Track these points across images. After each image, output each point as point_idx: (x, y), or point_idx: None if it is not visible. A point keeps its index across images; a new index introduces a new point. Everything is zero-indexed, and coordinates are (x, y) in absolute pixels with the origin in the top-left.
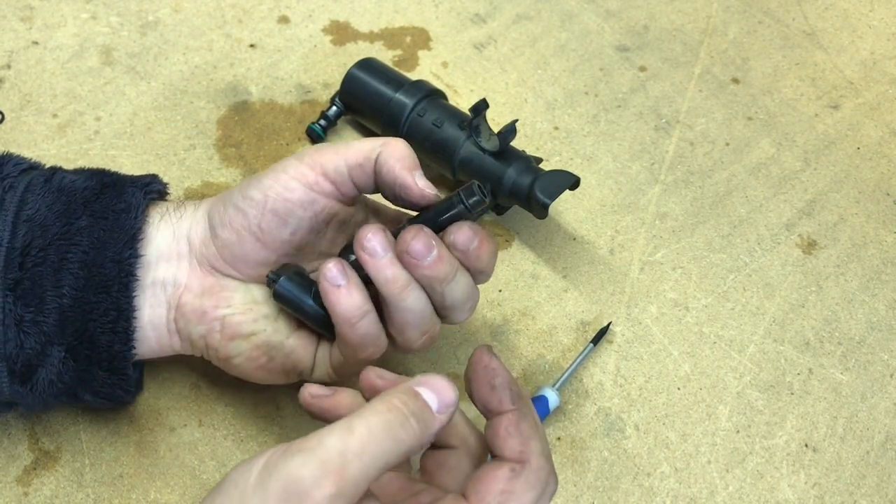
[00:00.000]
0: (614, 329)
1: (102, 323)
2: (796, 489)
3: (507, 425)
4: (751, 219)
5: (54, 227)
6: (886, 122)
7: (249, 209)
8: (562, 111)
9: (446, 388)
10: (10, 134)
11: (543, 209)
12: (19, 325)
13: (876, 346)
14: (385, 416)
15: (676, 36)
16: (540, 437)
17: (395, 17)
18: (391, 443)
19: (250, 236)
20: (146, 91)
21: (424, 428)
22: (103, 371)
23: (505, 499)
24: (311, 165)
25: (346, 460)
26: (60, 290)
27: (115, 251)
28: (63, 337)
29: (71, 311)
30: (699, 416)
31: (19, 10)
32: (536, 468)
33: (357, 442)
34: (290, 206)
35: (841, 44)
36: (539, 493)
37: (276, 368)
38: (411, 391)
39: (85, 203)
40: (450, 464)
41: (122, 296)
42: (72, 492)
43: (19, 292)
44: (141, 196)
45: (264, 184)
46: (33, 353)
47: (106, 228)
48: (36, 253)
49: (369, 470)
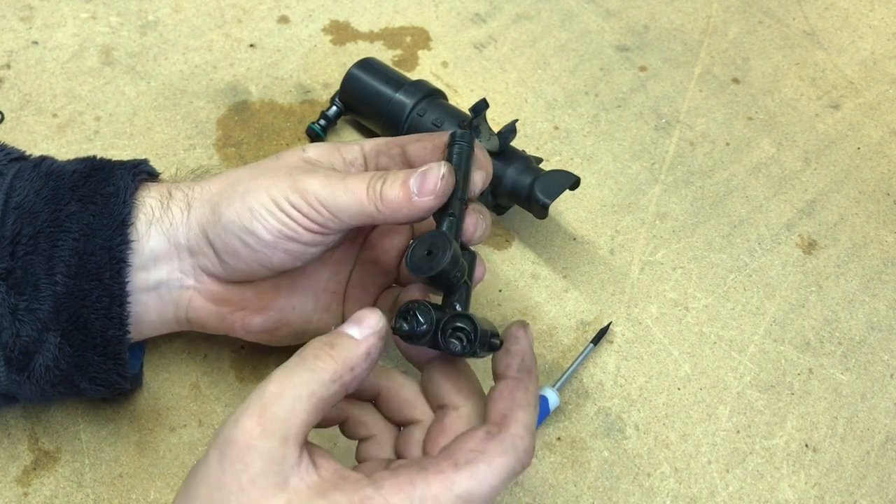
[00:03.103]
0: (614, 329)
1: (96, 309)
2: (796, 489)
3: (502, 389)
4: (751, 219)
5: (43, 214)
6: (886, 122)
7: (259, 247)
8: (562, 111)
9: (365, 314)
10: (9, 134)
11: (543, 209)
12: (14, 314)
13: (876, 346)
14: (298, 355)
15: (676, 36)
16: (530, 412)
17: (395, 16)
18: (308, 373)
19: (261, 267)
20: (146, 91)
21: (345, 352)
22: (99, 356)
23: (473, 457)
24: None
25: (265, 401)
26: (53, 277)
27: (104, 238)
28: (58, 323)
29: (65, 298)
30: (699, 417)
31: (19, 10)
32: (514, 435)
33: (273, 384)
34: (300, 248)
35: (841, 44)
36: (511, 462)
37: (303, 337)
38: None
39: (73, 188)
40: (454, 427)
41: (114, 282)
42: (72, 492)
43: (12, 281)
44: (129, 178)
45: (271, 225)
46: (30, 340)
47: (95, 214)
48: (26, 241)
49: (294, 403)
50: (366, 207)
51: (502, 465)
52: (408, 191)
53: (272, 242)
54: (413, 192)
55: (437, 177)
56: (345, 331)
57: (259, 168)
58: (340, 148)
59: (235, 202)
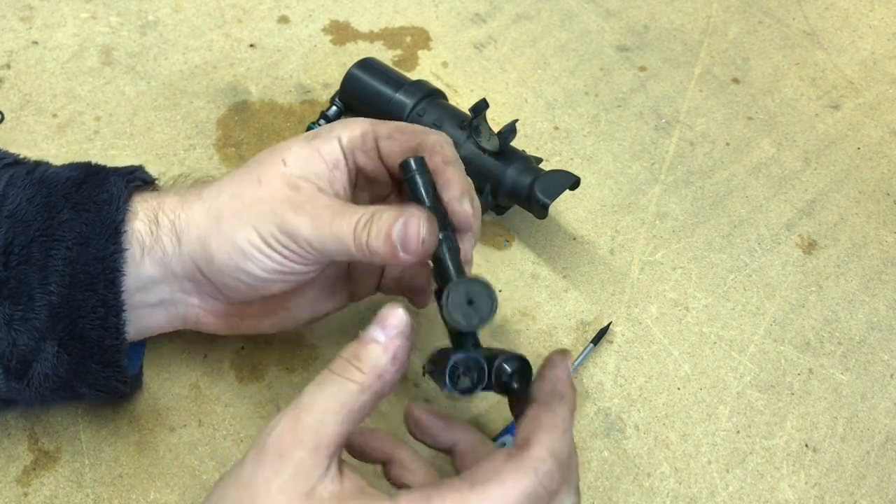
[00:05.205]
0: (614, 329)
1: (91, 319)
2: (796, 489)
3: (529, 412)
4: (751, 219)
5: (36, 223)
6: (886, 122)
7: (256, 283)
8: (562, 111)
9: (388, 313)
10: (9, 134)
11: (543, 209)
12: (10, 324)
13: (876, 346)
14: (328, 368)
15: (676, 36)
16: (557, 436)
17: (395, 16)
18: (336, 386)
19: (263, 294)
20: (146, 91)
21: (371, 362)
22: (97, 364)
23: (489, 477)
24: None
25: (299, 412)
26: (48, 287)
27: (98, 248)
28: (55, 332)
29: (60, 307)
30: (699, 417)
31: (19, 10)
32: (534, 457)
33: (307, 396)
34: (298, 277)
35: (841, 44)
36: (529, 484)
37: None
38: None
39: (66, 195)
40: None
41: (108, 293)
42: (71, 492)
43: (6, 291)
44: (123, 185)
45: (264, 264)
46: (27, 349)
47: (88, 222)
48: (19, 251)
49: (324, 415)
50: (355, 255)
51: (515, 486)
52: (393, 247)
53: (269, 278)
54: (398, 249)
55: (417, 239)
56: (370, 335)
57: (242, 199)
58: (320, 148)
59: (225, 244)
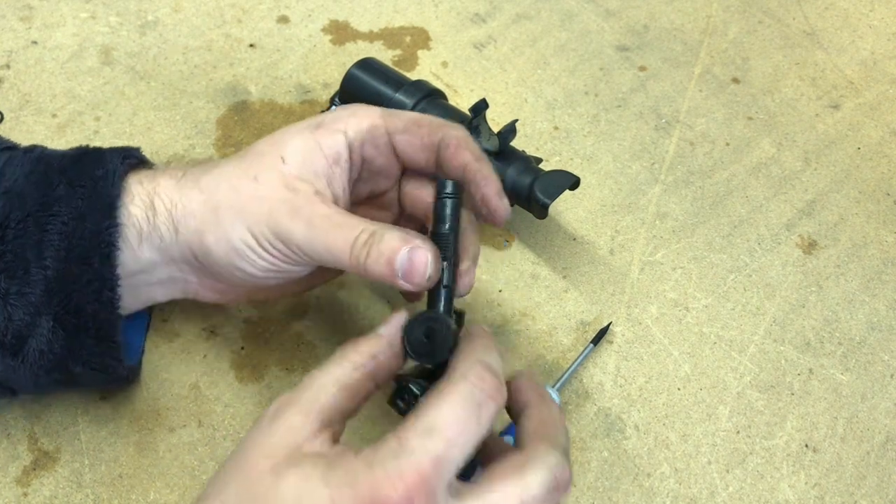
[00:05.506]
0: (614, 329)
1: (86, 293)
2: (796, 490)
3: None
4: (751, 219)
5: (32, 197)
6: (886, 122)
7: (252, 278)
8: (562, 111)
9: (395, 314)
10: (9, 134)
11: (543, 209)
12: (5, 299)
13: (876, 346)
14: (338, 350)
15: (676, 36)
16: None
17: (395, 16)
18: (333, 364)
19: (260, 286)
20: (146, 91)
21: (368, 345)
22: (91, 339)
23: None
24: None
25: (299, 385)
26: (43, 261)
27: (93, 222)
28: (50, 307)
29: (56, 282)
30: (699, 417)
31: (19, 9)
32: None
33: (308, 375)
34: (293, 275)
35: (841, 43)
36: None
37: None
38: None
39: (62, 171)
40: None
41: (103, 267)
42: (71, 492)
43: (2, 265)
44: (118, 161)
45: (258, 264)
46: (23, 324)
47: (84, 197)
48: (15, 225)
49: (320, 388)
50: (348, 269)
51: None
52: (393, 273)
53: (263, 276)
54: (398, 275)
55: (422, 274)
56: (374, 331)
57: (240, 194)
58: (322, 141)
59: (221, 240)
